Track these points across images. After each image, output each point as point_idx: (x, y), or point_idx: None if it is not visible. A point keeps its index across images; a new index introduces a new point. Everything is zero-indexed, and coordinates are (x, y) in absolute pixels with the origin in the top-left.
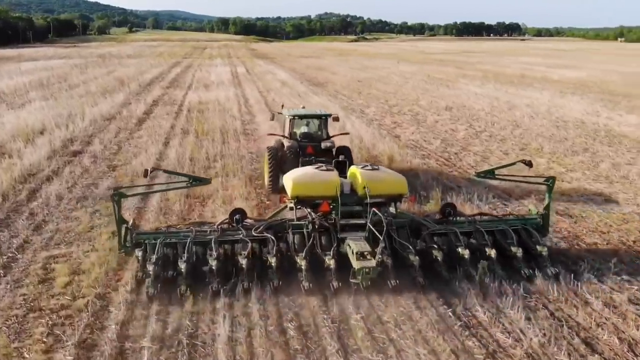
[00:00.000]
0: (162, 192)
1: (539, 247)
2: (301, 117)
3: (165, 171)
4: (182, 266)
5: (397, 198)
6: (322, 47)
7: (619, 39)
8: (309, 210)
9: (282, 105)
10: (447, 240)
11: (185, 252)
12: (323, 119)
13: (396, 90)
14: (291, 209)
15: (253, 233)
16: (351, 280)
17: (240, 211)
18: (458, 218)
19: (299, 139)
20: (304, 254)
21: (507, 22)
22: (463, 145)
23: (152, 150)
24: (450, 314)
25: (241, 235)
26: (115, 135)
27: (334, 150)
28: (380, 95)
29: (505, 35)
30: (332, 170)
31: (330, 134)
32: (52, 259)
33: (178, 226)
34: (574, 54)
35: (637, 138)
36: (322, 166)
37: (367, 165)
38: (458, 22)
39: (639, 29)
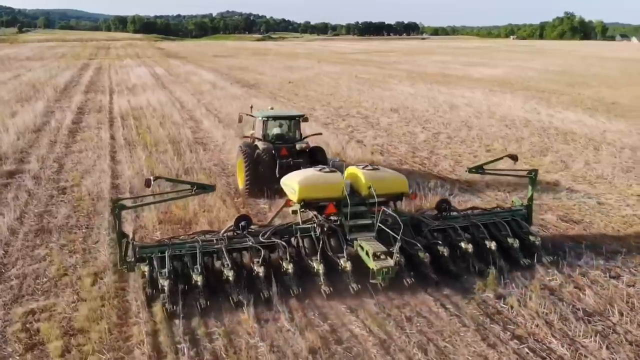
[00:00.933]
0: (134, 219)
1: (532, 237)
2: (275, 118)
3: (168, 179)
4: (199, 279)
5: (398, 197)
6: (232, 46)
7: (511, 37)
8: (314, 213)
9: (251, 107)
10: (446, 235)
11: (198, 263)
12: (296, 119)
13: (333, 92)
14: (294, 212)
15: (261, 239)
16: (371, 281)
17: (245, 217)
18: (452, 213)
19: (273, 141)
20: (318, 257)
21: (405, 22)
22: (429, 149)
23: (100, 166)
24: (527, 350)
25: (250, 243)
26: (51, 150)
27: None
28: (320, 97)
29: (404, 34)
30: (335, 171)
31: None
32: (31, 315)
33: (181, 237)
34: (479, 52)
35: (585, 135)
36: (324, 168)
37: (368, 166)
38: (360, 22)
39: (527, 26)
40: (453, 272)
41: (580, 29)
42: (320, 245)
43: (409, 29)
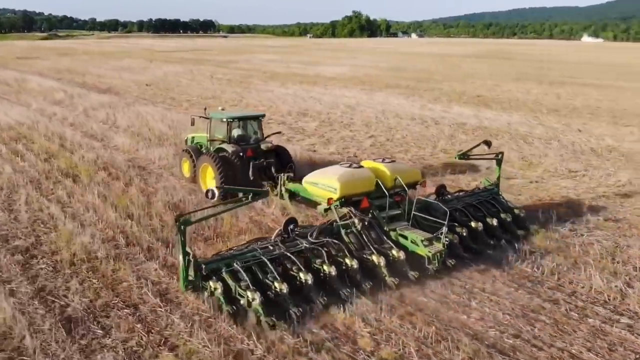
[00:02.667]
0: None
1: (516, 210)
2: (239, 119)
3: (230, 189)
4: (283, 286)
5: (414, 185)
6: (27, 46)
7: (308, 35)
8: (349, 208)
9: (205, 109)
10: (453, 217)
11: (273, 270)
12: (259, 119)
13: (213, 95)
14: (327, 210)
15: (311, 240)
16: (428, 267)
17: (293, 220)
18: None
19: (237, 143)
20: (374, 250)
21: (201, 19)
22: (387, 153)
23: (45, 211)
24: None
25: (305, 244)
26: None
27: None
28: (204, 102)
29: (201, 32)
30: (362, 167)
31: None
32: None
33: (234, 248)
34: (298, 51)
35: (499, 129)
36: (352, 164)
37: (386, 159)
38: (153, 19)
39: (319, 25)
40: (475, 250)
41: (367, 27)
42: (366, 238)
43: (205, 27)
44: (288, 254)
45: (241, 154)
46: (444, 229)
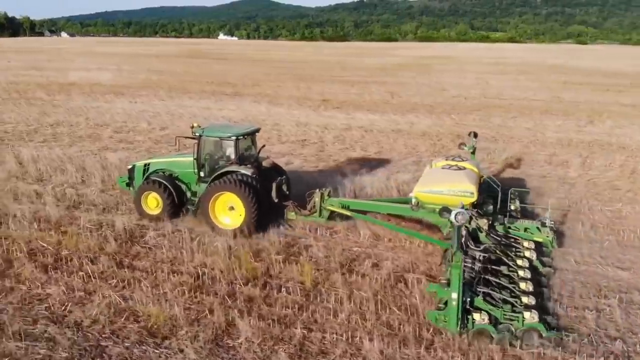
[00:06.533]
0: None
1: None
2: (245, 135)
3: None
4: (529, 299)
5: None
6: None
7: None
8: (472, 210)
9: (192, 126)
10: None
11: (506, 285)
12: (256, 134)
13: (56, 121)
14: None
15: (475, 248)
16: (550, 249)
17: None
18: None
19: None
20: (525, 246)
21: None
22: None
23: None
24: None
25: (478, 254)
26: None
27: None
28: (62, 128)
29: None
30: (464, 168)
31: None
32: None
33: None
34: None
35: (387, 129)
36: (456, 167)
37: (463, 157)
38: None
39: None
40: None
41: (9, 26)
42: (497, 237)
43: None
44: (493, 267)
45: (254, 175)
46: (547, 214)
